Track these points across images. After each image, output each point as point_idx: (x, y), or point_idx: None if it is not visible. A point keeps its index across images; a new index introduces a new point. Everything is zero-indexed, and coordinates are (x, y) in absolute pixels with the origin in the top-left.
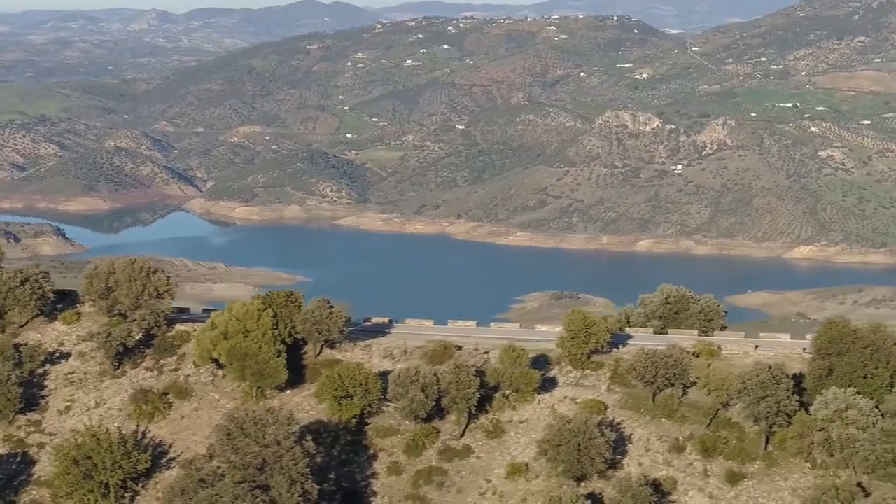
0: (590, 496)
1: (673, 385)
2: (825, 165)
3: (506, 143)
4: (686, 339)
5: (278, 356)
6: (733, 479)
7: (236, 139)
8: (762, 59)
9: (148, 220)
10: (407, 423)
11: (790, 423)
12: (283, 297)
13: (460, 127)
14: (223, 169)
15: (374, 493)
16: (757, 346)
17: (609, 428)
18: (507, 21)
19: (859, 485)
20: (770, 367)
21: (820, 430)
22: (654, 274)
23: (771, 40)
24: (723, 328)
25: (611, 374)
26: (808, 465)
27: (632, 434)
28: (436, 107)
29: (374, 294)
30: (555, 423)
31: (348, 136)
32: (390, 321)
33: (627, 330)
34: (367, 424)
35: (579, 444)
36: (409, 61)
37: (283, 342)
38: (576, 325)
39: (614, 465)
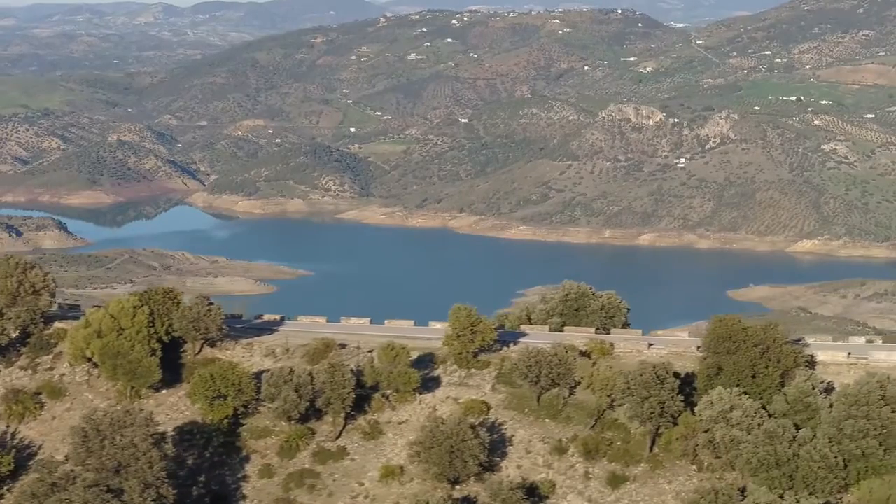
0: (464, 500)
1: (558, 385)
2: (828, 159)
3: (509, 136)
4: (583, 336)
5: (152, 355)
6: (615, 481)
7: (240, 133)
8: (766, 52)
9: (151, 214)
10: (283, 424)
11: (675, 425)
12: (160, 294)
13: (463, 120)
14: (226, 162)
15: (244, 497)
16: (651, 345)
17: (490, 429)
18: (512, 14)
19: (743, 489)
20: (654, 367)
21: (705, 432)
22: (657, 268)
23: (775, 34)
24: (625, 325)
25: (497, 373)
26: (694, 467)
27: (513, 435)
28: (439, 100)
29: (375, 288)
30: (428, 425)
31: (352, 129)
32: (282, 318)
33: (523, 328)
34: (242, 425)
35: (452, 447)
36: (412, 55)
37: (159, 340)
38: (461, 322)
39: (492, 467)
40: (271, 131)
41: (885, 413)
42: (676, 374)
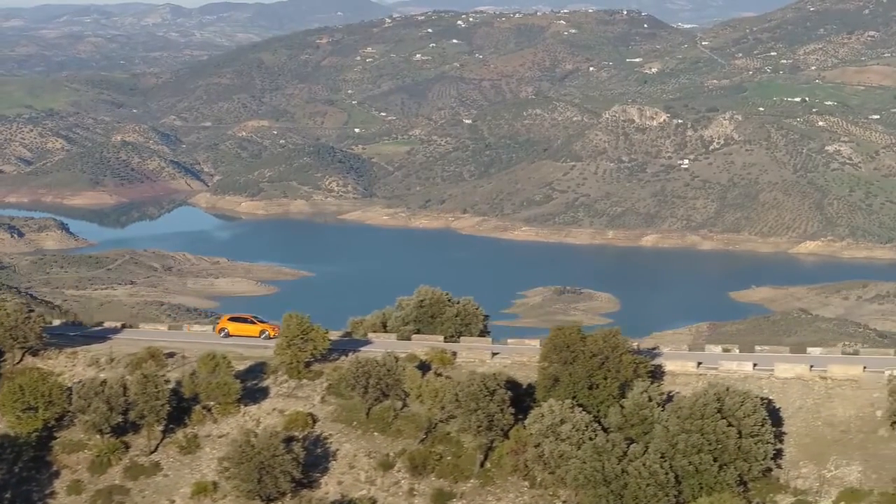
0: None
1: (388, 396)
2: (832, 160)
3: (512, 137)
4: (429, 345)
5: None
6: (441, 498)
7: (244, 133)
8: (772, 53)
9: (154, 215)
10: (96, 437)
11: (507, 438)
12: None
13: (467, 121)
14: (230, 163)
15: None
16: (495, 354)
17: (315, 443)
18: (517, 15)
19: None
20: (484, 377)
21: (535, 447)
22: (659, 269)
23: (781, 34)
24: (483, 332)
25: (328, 383)
26: (526, 483)
27: (338, 449)
28: (444, 101)
29: (377, 289)
30: (238, 439)
31: (356, 130)
32: (122, 326)
33: (371, 335)
34: (55, 439)
35: (262, 462)
36: (418, 55)
37: None
38: (292, 330)
39: (311, 483)
40: (276, 132)
41: (720, 427)
42: (518, 385)
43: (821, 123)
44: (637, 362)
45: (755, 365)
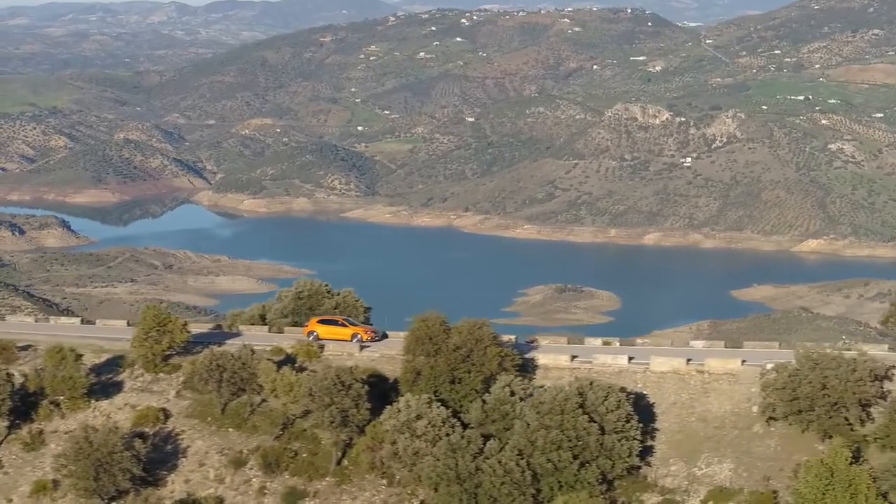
0: None
1: (245, 391)
2: (835, 158)
3: (515, 135)
4: (300, 337)
5: None
6: (292, 497)
7: (247, 131)
8: (776, 51)
9: (157, 213)
10: None
11: (363, 434)
12: None
13: (470, 119)
14: (233, 161)
15: None
16: (364, 347)
17: (165, 439)
18: (521, 13)
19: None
20: (339, 371)
21: (392, 444)
22: (661, 267)
23: (785, 33)
24: (364, 324)
25: (184, 378)
26: (384, 481)
27: (189, 446)
28: (448, 99)
29: (377, 287)
30: (76, 436)
31: (359, 128)
32: None
33: (242, 328)
34: None
35: (99, 460)
36: (421, 53)
37: None
38: (148, 322)
39: (156, 482)
40: (279, 130)
41: (581, 423)
42: (385, 379)
43: (824, 122)
44: (503, 355)
45: (631, 359)
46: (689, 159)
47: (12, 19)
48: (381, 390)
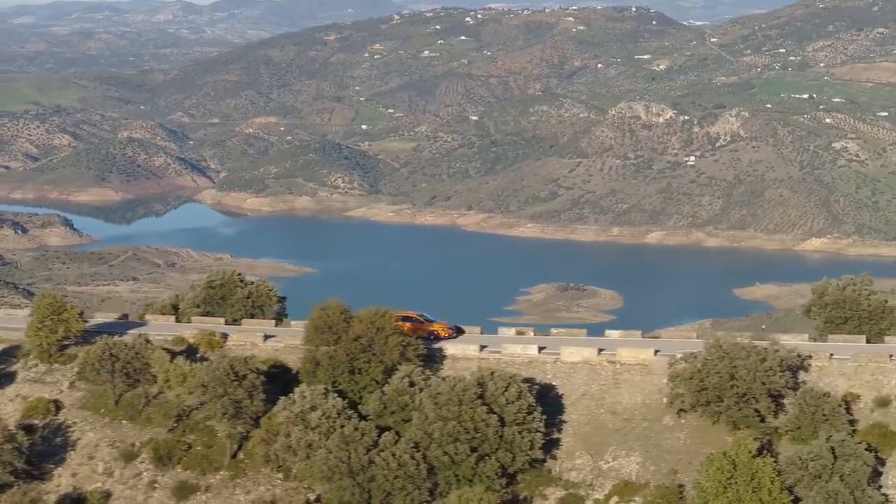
0: None
1: (138, 381)
2: (839, 157)
3: (519, 134)
4: (210, 328)
5: None
6: (184, 492)
7: (251, 130)
8: (780, 50)
9: (161, 211)
10: None
11: (258, 427)
12: None
13: (474, 118)
14: (236, 160)
15: None
16: (268, 337)
17: (55, 431)
18: (526, 12)
19: (318, 498)
20: (233, 361)
21: (287, 436)
22: (664, 266)
23: (790, 31)
24: (279, 315)
25: (78, 368)
26: (280, 475)
27: (79, 439)
28: (452, 98)
29: (379, 285)
30: None
31: (363, 127)
32: None
33: (148, 317)
34: None
35: None
36: (426, 52)
37: None
38: (42, 311)
39: (42, 475)
40: (283, 128)
41: (480, 414)
42: (288, 370)
43: (828, 120)
44: (405, 345)
45: (542, 349)
46: (692, 158)
47: (18, 18)
48: (283, 381)
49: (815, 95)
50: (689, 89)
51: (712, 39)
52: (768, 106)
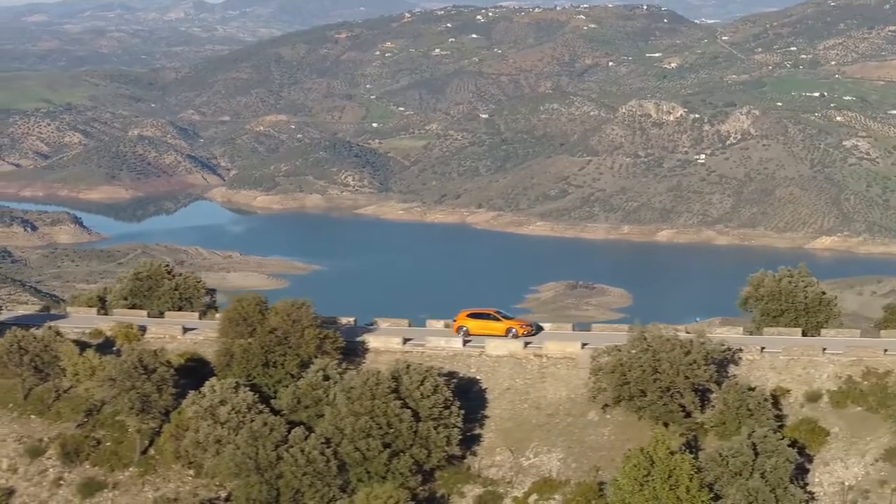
0: None
1: (49, 375)
2: (850, 155)
3: (529, 132)
4: (129, 320)
5: None
6: (89, 489)
7: (261, 128)
8: (792, 48)
9: (171, 209)
10: None
11: (168, 422)
12: None
13: (484, 116)
14: (247, 158)
15: None
16: (188, 329)
17: None
18: (537, 10)
19: (228, 497)
20: (142, 353)
21: (197, 431)
22: (674, 264)
23: (801, 29)
24: (210, 308)
25: None
26: (191, 472)
27: None
28: (463, 96)
29: (389, 283)
30: None
31: (374, 125)
32: None
33: (70, 310)
34: None
35: None
36: (437, 50)
37: None
38: None
39: None
40: (293, 126)
41: (393, 409)
42: (206, 363)
43: (839, 118)
44: (322, 337)
45: (467, 341)
46: (703, 156)
47: (31, 16)
48: (201, 375)
49: (825, 93)
50: (700, 87)
51: (723, 37)
52: (779, 104)
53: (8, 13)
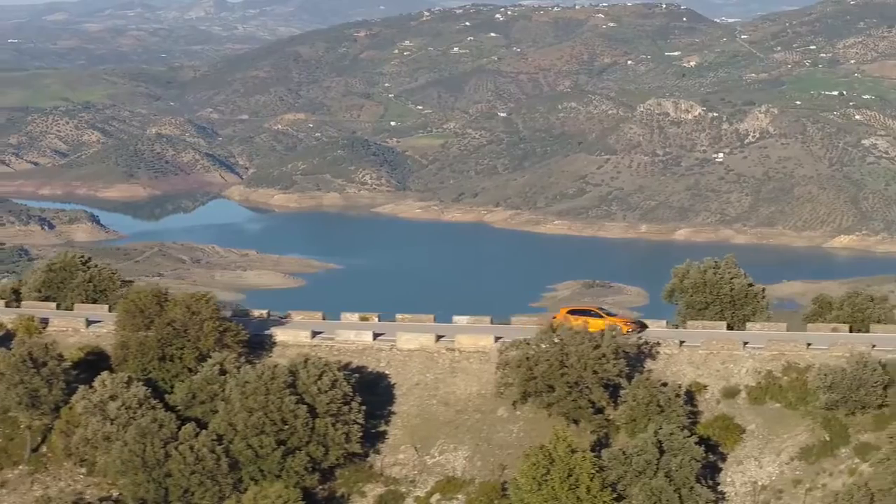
0: None
1: None
2: (868, 154)
3: (547, 130)
4: (39, 312)
5: None
6: None
7: (280, 126)
8: (811, 46)
9: (189, 208)
10: None
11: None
12: None
13: (502, 114)
14: (265, 156)
15: None
16: (92, 322)
17: None
18: (556, 9)
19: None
20: (32, 347)
21: (86, 427)
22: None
23: (820, 28)
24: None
25: None
26: (83, 470)
27: None
28: (481, 94)
29: (405, 281)
30: None
31: (392, 123)
32: None
33: None
34: None
35: None
36: (455, 49)
37: None
38: None
39: None
40: (311, 125)
41: (288, 405)
42: (107, 358)
43: (857, 117)
44: (222, 330)
45: (378, 335)
46: (721, 155)
47: (51, 15)
48: (101, 369)
49: (844, 92)
50: (718, 86)
51: (743, 36)
52: (798, 103)
53: (28, 12)
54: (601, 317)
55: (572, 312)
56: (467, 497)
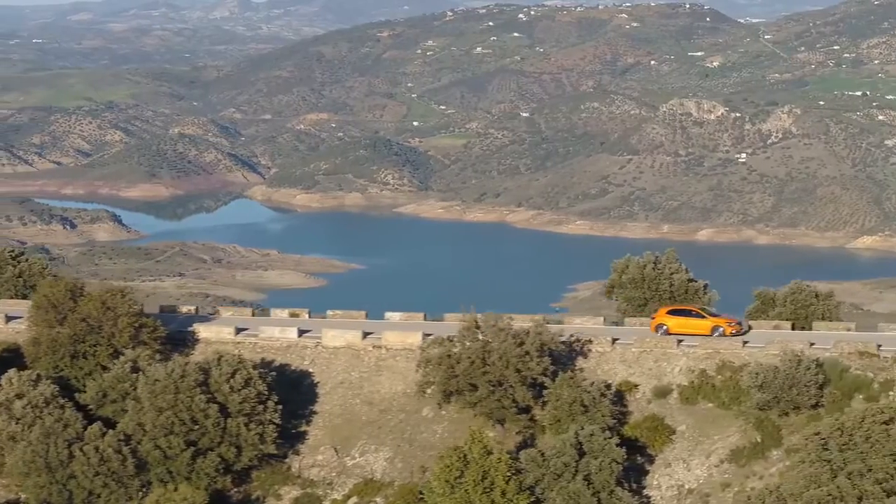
0: None
1: None
2: (892, 154)
3: (569, 130)
4: None
5: None
6: None
7: (302, 126)
8: (835, 47)
9: (211, 208)
10: None
11: None
12: None
13: (524, 114)
14: (287, 156)
15: None
16: (11, 318)
17: None
18: (579, 9)
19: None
20: None
21: None
22: (714, 263)
23: (844, 28)
24: None
25: None
26: None
27: None
28: (504, 94)
29: (426, 281)
30: None
31: (415, 123)
32: None
33: None
34: None
35: None
36: (478, 49)
37: None
38: None
39: None
40: (334, 125)
41: (198, 404)
42: (22, 355)
43: (881, 118)
44: (138, 326)
45: (304, 332)
46: (743, 155)
47: (76, 14)
48: (18, 367)
49: (868, 93)
50: (742, 86)
51: (766, 36)
52: (821, 103)
53: (53, 12)
54: (703, 317)
55: (672, 312)
56: (385, 500)
